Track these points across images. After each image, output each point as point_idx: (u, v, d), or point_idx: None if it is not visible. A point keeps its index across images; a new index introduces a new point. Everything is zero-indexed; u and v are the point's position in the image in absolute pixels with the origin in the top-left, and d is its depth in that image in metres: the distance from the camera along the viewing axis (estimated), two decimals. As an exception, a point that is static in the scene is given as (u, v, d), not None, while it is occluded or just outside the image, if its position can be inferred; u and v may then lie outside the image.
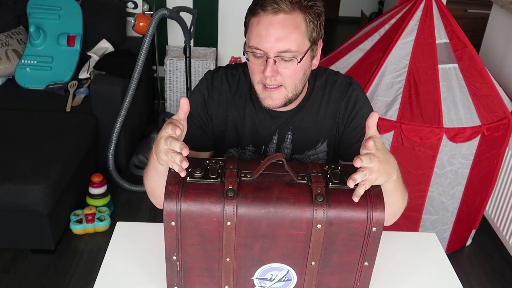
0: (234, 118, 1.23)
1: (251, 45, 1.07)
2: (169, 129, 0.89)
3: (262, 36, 1.04)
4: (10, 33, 2.82)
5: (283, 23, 1.04)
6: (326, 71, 1.25)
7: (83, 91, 2.70)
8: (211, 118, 1.24)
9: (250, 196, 0.87)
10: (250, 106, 1.22)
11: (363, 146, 0.90)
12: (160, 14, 2.43)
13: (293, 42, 1.05)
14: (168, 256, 0.93)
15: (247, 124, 1.23)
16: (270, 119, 1.22)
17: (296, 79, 1.10)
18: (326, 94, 1.22)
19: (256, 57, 1.08)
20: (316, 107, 1.22)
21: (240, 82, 1.23)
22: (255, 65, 1.09)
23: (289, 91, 1.11)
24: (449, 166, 2.02)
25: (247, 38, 1.10)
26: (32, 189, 1.97)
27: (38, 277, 2.10)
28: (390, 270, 1.13)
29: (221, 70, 1.26)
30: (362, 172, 0.87)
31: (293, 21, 1.05)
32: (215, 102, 1.23)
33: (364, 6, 5.95)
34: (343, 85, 1.23)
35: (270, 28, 1.04)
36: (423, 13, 2.09)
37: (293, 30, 1.05)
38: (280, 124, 1.22)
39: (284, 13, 1.04)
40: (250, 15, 1.09)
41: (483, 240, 2.49)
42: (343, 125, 1.22)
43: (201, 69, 3.18)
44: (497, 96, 2.07)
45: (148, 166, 1.08)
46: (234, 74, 1.24)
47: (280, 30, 1.04)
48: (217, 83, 1.23)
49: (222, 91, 1.23)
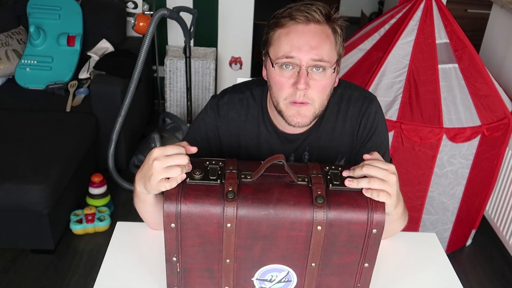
0: (248, 146, 1.18)
1: (282, 55, 1.02)
2: (169, 149, 0.88)
3: (295, 45, 1.01)
4: (10, 33, 2.82)
5: (315, 32, 1.02)
6: (339, 86, 1.18)
7: (83, 91, 2.70)
8: (221, 148, 1.18)
9: (250, 197, 0.87)
10: (264, 131, 1.17)
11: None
12: (160, 14, 2.43)
13: (326, 51, 1.02)
14: (168, 257, 0.93)
15: (263, 151, 1.18)
16: (286, 143, 1.17)
17: (324, 94, 1.06)
18: (342, 110, 1.17)
19: (286, 69, 1.03)
20: (331, 125, 1.17)
21: (249, 106, 1.17)
22: (284, 79, 1.04)
23: (317, 108, 1.07)
24: (449, 166, 2.02)
25: (274, 51, 1.05)
26: (32, 189, 1.97)
27: (38, 277, 2.10)
28: (390, 270, 1.13)
29: (226, 96, 1.18)
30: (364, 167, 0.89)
31: (325, 31, 1.03)
32: (225, 131, 1.17)
33: (364, 6, 5.94)
34: (360, 100, 1.18)
35: (303, 37, 1.01)
36: (423, 13, 2.09)
37: (325, 39, 1.03)
38: (297, 147, 1.18)
39: (315, 23, 1.02)
40: (276, 28, 1.05)
41: (483, 240, 2.49)
42: (361, 143, 1.18)
43: (201, 69, 3.18)
44: (497, 96, 2.07)
45: (134, 196, 1.05)
46: (241, 98, 1.17)
47: (313, 39, 1.01)
48: (224, 112, 1.17)
49: (230, 120, 1.17)
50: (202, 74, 3.20)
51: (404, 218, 1.09)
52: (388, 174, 0.89)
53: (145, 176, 0.93)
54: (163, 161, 0.88)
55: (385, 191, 0.88)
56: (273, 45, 1.06)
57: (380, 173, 0.88)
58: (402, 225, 1.11)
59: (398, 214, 1.02)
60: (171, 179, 0.88)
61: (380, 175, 0.88)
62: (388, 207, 0.91)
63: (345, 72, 2.18)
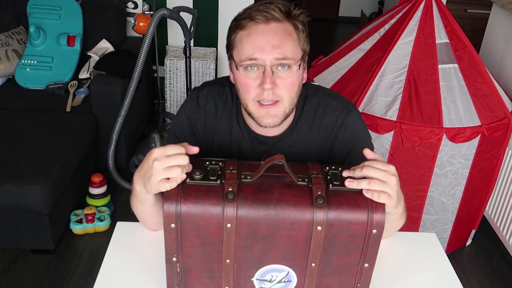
0: (220, 142, 1.18)
1: (245, 57, 1.02)
2: (170, 149, 0.88)
3: (257, 46, 1.01)
4: (10, 33, 2.82)
5: (276, 31, 1.02)
6: (317, 93, 1.18)
7: (83, 91, 2.70)
8: (198, 139, 1.18)
9: (250, 197, 0.87)
10: (237, 129, 1.17)
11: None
12: (160, 14, 2.43)
13: (289, 49, 1.02)
14: (168, 257, 0.93)
15: (234, 148, 1.18)
16: (257, 144, 1.17)
17: (293, 91, 1.06)
18: (318, 118, 1.16)
19: (251, 71, 1.03)
20: (305, 132, 1.16)
21: (227, 101, 1.17)
22: (250, 80, 1.04)
23: (287, 106, 1.06)
24: (449, 166, 2.02)
25: (237, 54, 1.05)
26: (32, 189, 1.97)
27: (38, 277, 2.10)
28: (390, 270, 1.13)
29: (206, 87, 1.19)
30: (364, 168, 0.89)
31: (286, 29, 1.03)
32: (201, 124, 1.17)
33: (364, 6, 5.95)
34: (337, 110, 1.16)
35: (264, 36, 1.01)
36: (423, 13, 2.09)
37: (287, 37, 1.03)
38: (268, 149, 1.16)
39: (276, 22, 1.02)
40: (237, 30, 1.05)
41: (483, 240, 2.49)
42: (339, 155, 1.16)
43: (201, 69, 3.18)
44: (497, 96, 2.07)
45: (132, 196, 1.05)
46: (221, 92, 1.18)
47: (275, 38, 1.01)
48: (202, 103, 1.17)
49: (208, 112, 1.17)
50: (202, 74, 3.20)
51: (404, 217, 1.09)
52: (388, 175, 0.89)
53: (144, 176, 0.93)
54: (164, 162, 0.88)
55: (385, 193, 0.88)
56: (236, 48, 1.05)
57: (380, 174, 0.88)
58: (401, 224, 1.11)
59: (399, 213, 1.02)
60: (171, 179, 0.88)
61: (380, 177, 0.88)
62: (389, 207, 0.91)
63: (345, 72, 2.18)
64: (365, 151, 0.94)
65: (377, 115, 1.96)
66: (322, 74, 2.30)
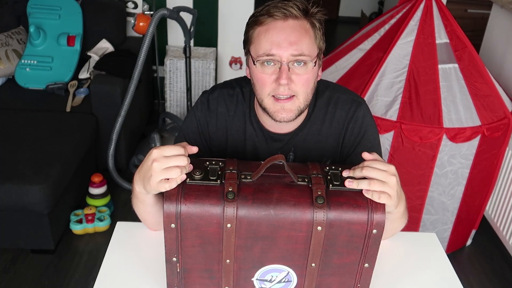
0: (235, 142, 1.19)
1: (262, 53, 1.04)
2: (168, 150, 0.88)
3: (274, 42, 1.02)
4: (10, 33, 2.82)
5: (294, 27, 1.03)
6: (328, 88, 1.20)
7: (83, 91, 2.70)
8: (210, 142, 1.19)
9: (250, 198, 0.87)
10: (250, 129, 1.18)
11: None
12: (160, 14, 2.42)
13: (305, 46, 1.03)
14: (168, 257, 0.93)
15: (248, 147, 1.19)
16: (271, 141, 1.18)
17: (308, 87, 1.07)
18: (329, 112, 1.18)
19: (267, 66, 1.05)
20: (317, 127, 1.18)
21: (238, 102, 1.19)
22: (266, 75, 1.05)
23: (302, 101, 1.08)
24: (449, 166, 2.02)
25: (254, 49, 1.06)
26: (32, 189, 1.97)
27: (38, 277, 2.10)
28: (390, 270, 1.13)
29: (217, 91, 1.20)
30: (363, 168, 0.89)
31: (303, 26, 1.04)
32: (213, 126, 1.18)
33: (364, 6, 5.95)
34: (348, 103, 1.18)
35: (282, 33, 1.03)
36: (423, 13, 2.09)
37: (304, 34, 1.04)
38: (282, 147, 1.18)
39: (293, 19, 1.04)
40: (255, 26, 1.06)
41: (483, 240, 2.49)
42: (349, 147, 1.18)
43: (201, 69, 3.18)
44: (497, 96, 2.07)
45: (133, 196, 1.05)
46: (231, 94, 1.19)
47: (292, 35, 1.03)
48: (214, 106, 1.18)
49: (219, 115, 1.18)
50: (202, 74, 3.20)
51: (405, 217, 1.09)
52: (388, 175, 0.89)
53: (144, 177, 0.93)
54: (162, 162, 0.88)
55: (385, 193, 0.88)
56: (253, 43, 1.07)
57: (380, 175, 0.88)
58: (403, 224, 1.11)
59: (400, 213, 1.02)
60: (171, 180, 0.88)
61: (380, 177, 0.88)
62: (389, 207, 0.91)
63: (345, 72, 2.18)
64: (364, 154, 0.95)
65: (377, 115, 1.96)
66: (322, 74, 2.29)
